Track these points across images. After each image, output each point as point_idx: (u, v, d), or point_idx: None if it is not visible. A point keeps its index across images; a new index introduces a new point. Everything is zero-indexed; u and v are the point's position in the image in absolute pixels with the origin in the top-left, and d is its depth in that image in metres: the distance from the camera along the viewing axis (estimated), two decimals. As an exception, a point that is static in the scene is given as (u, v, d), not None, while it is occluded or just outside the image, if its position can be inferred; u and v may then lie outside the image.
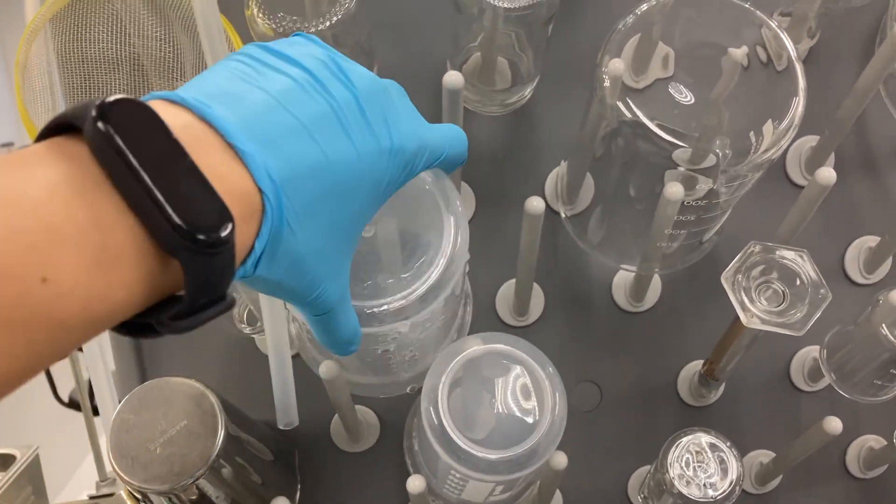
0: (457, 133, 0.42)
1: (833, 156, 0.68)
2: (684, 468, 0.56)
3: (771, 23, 0.51)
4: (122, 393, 0.73)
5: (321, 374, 0.51)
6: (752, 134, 0.50)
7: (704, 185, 0.51)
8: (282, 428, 0.54)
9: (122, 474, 0.50)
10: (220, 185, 0.29)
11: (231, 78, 0.33)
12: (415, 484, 0.51)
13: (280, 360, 0.53)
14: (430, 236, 0.44)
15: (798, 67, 0.50)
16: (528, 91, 0.68)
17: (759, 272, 0.52)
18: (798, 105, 0.50)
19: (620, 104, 0.50)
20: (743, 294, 0.51)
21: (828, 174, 0.52)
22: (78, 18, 0.59)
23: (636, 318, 0.69)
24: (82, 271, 0.26)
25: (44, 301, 0.25)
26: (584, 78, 0.55)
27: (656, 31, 0.52)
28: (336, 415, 0.66)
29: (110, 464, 0.51)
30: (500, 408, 0.49)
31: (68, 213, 0.26)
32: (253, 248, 0.31)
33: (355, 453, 0.67)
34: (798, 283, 0.51)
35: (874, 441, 0.67)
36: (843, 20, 0.69)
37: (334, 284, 0.37)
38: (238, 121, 0.31)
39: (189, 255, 0.28)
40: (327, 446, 0.67)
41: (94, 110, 0.27)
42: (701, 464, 0.56)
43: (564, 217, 0.67)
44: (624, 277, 0.68)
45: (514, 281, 0.65)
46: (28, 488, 1.03)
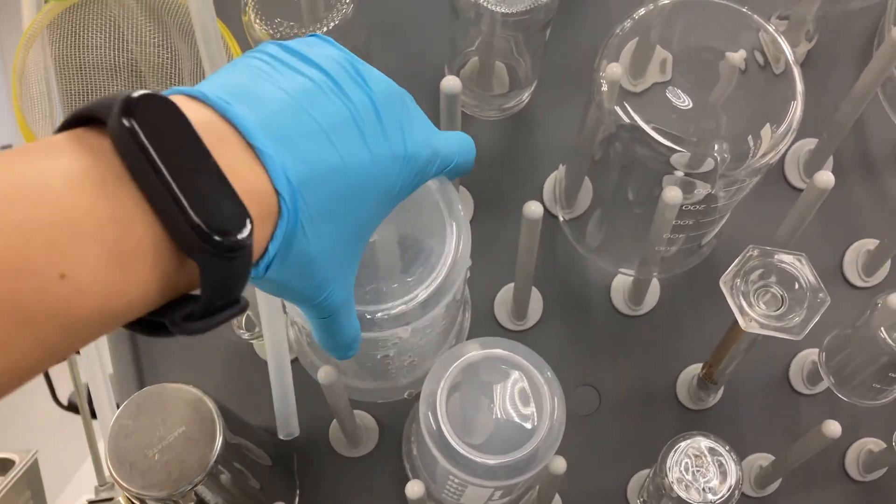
0: (466, 141, 0.42)
1: (831, 159, 0.68)
2: (683, 472, 0.56)
3: (768, 26, 0.51)
4: (119, 397, 0.72)
5: (320, 380, 0.51)
6: (750, 138, 0.50)
7: (703, 189, 0.51)
8: (283, 438, 0.54)
9: (120, 481, 0.50)
10: (239, 185, 0.29)
11: (251, 76, 0.33)
12: (413, 489, 0.51)
13: (280, 370, 0.53)
14: (433, 242, 0.44)
15: (796, 71, 0.50)
16: (525, 95, 0.68)
17: (758, 276, 0.51)
18: (796, 109, 0.50)
19: (618, 108, 0.50)
20: (741, 298, 0.51)
21: (826, 177, 0.52)
22: (75, 25, 0.59)
23: (635, 322, 0.68)
24: (101, 268, 0.26)
25: (61, 297, 0.25)
26: (582, 82, 0.55)
27: (654, 36, 0.52)
28: (335, 420, 0.66)
29: (108, 470, 0.51)
30: (498, 413, 0.49)
31: (90, 207, 0.26)
32: (266, 249, 0.31)
33: (354, 458, 0.67)
34: (797, 287, 0.51)
35: (873, 444, 0.67)
36: (840, 23, 0.70)
37: (341, 287, 0.37)
38: (258, 120, 0.31)
39: (207, 258, 0.28)
40: (326, 451, 0.67)
41: (119, 105, 0.27)
42: (700, 468, 0.56)
43: (563, 221, 0.67)
44: (622, 281, 0.68)
45: (512, 285, 0.65)
46: (27, 493, 1.03)
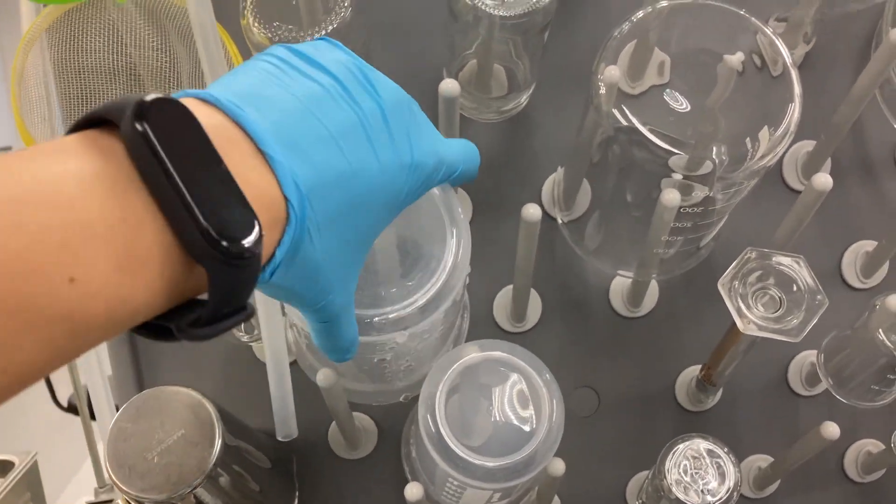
0: (471, 150, 0.42)
1: (829, 161, 0.68)
2: (682, 474, 0.56)
3: (766, 29, 0.51)
4: (119, 399, 0.72)
5: (319, 382, 0.51)
6: (748, 140, 0.50)
7: (701, 191, 0.51)
8: (281, 439, 0.54)
9: (119, 484, 0.50)
10: (249, 192, 0.29)
11: (261, 80, 0.33)
12: (413, 491, 0.51)
13: (278, 371, 0.53)
14: (433, 247, 0.44)
15: (794, 73, 0.50)
16: (524, 98, 0.68)
17: (756, 278, 0.52)
18: (794, 111, 0.50)
19: (616, 111, 0.50)
20: (740, 300, 0.51)
21: (824, 179, 0.52)
22: (74, 28, 0.59)
23: (633, 324, 0.69)
24: (110, 272, 0.26)
25: (70, 301, 0.25)
26: (581, 85, 0.55)
27: (652, 38, 0.52)
28: (334, 422, 0.66)
29: (107, 473, 0.51)
30: (497, 415, 0.49)
31: (101, 210, 0.26)
32: (273, 255, 0.31)
33: (353, 460, 0.67)
34: (795, 289, 0.51)
35: (872, 445, 0.67)
36: (838, 25, 0.70)
37: (342, 293, 0.37)
38: (269, 125, 0.31)
39: (216, 265, 0.28)
40: (325, 454, 0.67)
41: (132, 109, 0.27)
42: (699, 469, 0.56)
43: (561, 223, 0.67)
44: (621, 283, 0.68)
45: (511, 287, 0.65)
46: (26, 494, 1.03)
